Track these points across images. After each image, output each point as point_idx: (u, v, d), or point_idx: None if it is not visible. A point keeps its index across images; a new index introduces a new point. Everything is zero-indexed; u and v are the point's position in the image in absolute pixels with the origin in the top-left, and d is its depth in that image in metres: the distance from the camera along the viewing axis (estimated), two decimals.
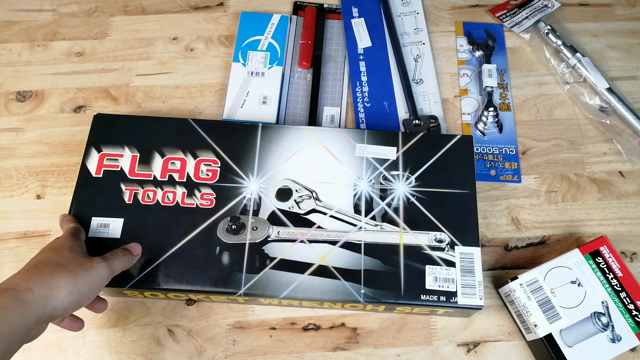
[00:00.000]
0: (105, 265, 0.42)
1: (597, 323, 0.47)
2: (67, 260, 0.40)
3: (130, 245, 0.47)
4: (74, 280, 0.39)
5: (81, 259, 0.42)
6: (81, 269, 0.40)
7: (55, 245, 0.43)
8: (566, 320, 0.47)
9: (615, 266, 0.49)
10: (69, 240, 0.44)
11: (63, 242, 0.43)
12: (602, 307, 0.48)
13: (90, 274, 0.41)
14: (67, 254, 0.42)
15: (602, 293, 0.48)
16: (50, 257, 0.41)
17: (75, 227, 0.47)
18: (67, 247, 0.42)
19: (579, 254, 0.50)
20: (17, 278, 0.38)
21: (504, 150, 0.59)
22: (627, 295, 0.48)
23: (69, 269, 0.40)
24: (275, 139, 0.53)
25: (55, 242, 0.44)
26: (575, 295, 0.48)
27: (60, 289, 0.38)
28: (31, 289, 0.37)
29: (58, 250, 0.42)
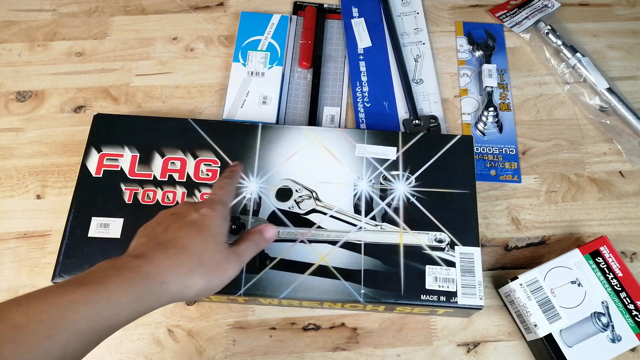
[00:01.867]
0: (238, 266, 0.39)
1: (597, 323, 0.47)
2: (207, 257, 0.37)
3: (265, 228, 0.43)
4: (206, 282, 0.37)
5: (219, 256, 0.38)
6: (216, 270, 0.38)
7: (203, 226, 0.38)
8: (566, 320, 0.47)
9: (615, 266, 0.49)
10: (218, 225, 0.40)
11: (211, 227, 0.39)
12: (602, 307, 0.48)
13: (222, 277, 0.38)
14: (211, 245, 0.38)
15: (602, 293, 0.48)
16: (196, 243, 0.37)
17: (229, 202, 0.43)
18: (213, 234, 0.39)
19: (579, 254, 0.50)
20: (161, 262, 0.35)
21: (504, 150, 0.59)
22: (627, 295, 0.48)
23: (206, 269, 0.37)
24: (275, 139, 0.53)
25: (206, 219, 0.39)
26: (575, 295, 0.48)
27: (191, 289, 0.36)
28: (167, 284, 0.34)
29: (205, 236, 0.38)
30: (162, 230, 0.38)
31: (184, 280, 0.35)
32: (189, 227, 0.38)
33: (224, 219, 0.41)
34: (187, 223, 0.38)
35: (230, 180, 0.45)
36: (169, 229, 0.38)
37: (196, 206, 0.40)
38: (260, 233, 0.43)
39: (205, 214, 0.39)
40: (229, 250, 0.39)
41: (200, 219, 0.39)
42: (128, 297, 0.32)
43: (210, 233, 0.38)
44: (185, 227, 0.38)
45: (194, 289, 0.36)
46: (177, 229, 0.38)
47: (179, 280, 0.35)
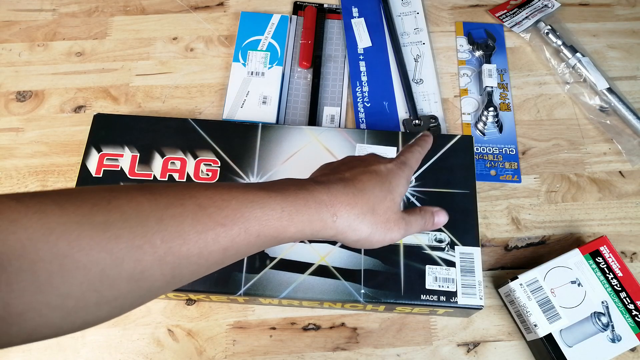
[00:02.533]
0: (403, 232, 0.39)
1: (597, 323, 0.47)
2: (380, 209, 0.37)
3: (439, 211, 0.42)
4: (370, 233, 0.36)
5: (390, 214, 0.38)
6: (384, 226, 0.37)
7: (386, 179, 0.38)
8: (566, 320, 0.47)
9: (615, 266, 0.49)
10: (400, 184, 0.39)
11: (393, 183, 0.39)
12: (602, 307, 0.48)
13: (386, 235, 0.38)
14: (388, 200, 0.38)
15: (602, 293, 0.48)
16: (375, 191, 0.37)
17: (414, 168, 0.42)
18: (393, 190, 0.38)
19: (579, 254, 0.50)
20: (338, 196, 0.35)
21: (504, 150, 0.59)
22: (627, 295, 0.48)
23: (375, 219, 0.36)
24: (275, 139, 0.53)
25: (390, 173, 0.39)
26: (575, 295, 0.48)
27: (355, 233, 0.36)
28: (337, 217, 0.35)
29: (385, 188, 0.38)
30: (346, 169, 0.38)
31: (353, 221, 0.35)
32: (372, 175, 0.38)
33: (407, 181, 0.40)
34: (371, 171, 0.38)
35: (420, 149, 0.44)
36: (354, 170, 0.38)
37: (384, 160, 0.40)
38: (433, 215, 0.42)
39: (391, 169, 0.39)
40: (400, 213, 0.39)
41: (385, 171, 0.39)
42: (300, 215, 0.33)
43: (390, 188, 0.38)
44: (368, 173, 0.38)
45: (357, 234, 0.36)
46: (361, 172, 0.38)
47: (348, 219, 0.35)
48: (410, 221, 0.40)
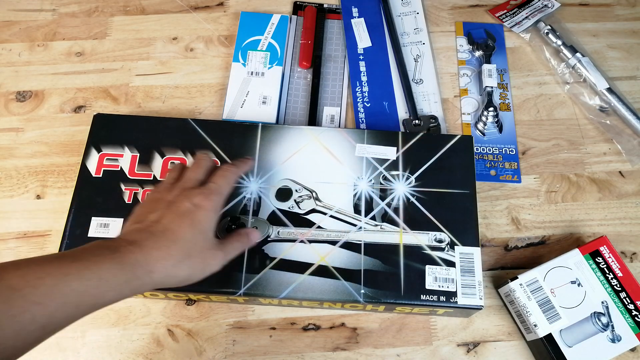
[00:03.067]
0: (222, 262, 0.41)
1: (597, 323, 0.47)
2: (195, 249, 0.39)
3: (251, 233, 0.45)
4: (189, 274, 0.38)
5: (207, 252, 0.40)
6: (201, 264, 0.39)
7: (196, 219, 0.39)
8: (566, 320, 0.47)
9: (615, 266, 0.49)
10: (211, 219, 0.40)
11: (203, 221, 0.40)
12: (602, 307, 0.48)
13: (205, 270, 0.40)
14: (200, 240, 0.39)
15: (602, 293, 0.48)
16: (186, 237, 0.38)
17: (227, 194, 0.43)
18: (204, 229, 0.40)
19: (579, 254, 0.50)
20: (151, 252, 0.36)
21: (503, 150, 0.59)
22: (627, 295, 0.48)
23: (192, 262, 0.38)
24: (275, 139, 0.53)
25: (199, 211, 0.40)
26: (575, 295, 0.48)
27: (174, 279, 0.38)
28: (154, 274, 0.36)
29: (196, 230, 0.39)
30: (155, 219, 0.39)
31: (170, 270, 0.37)
32: (182, 219, 0.39)
33: (217, 212, 0.42)
34: (180, 214, 0.39)
35: (235, 170, 0.45)
36: (163, 219, 0.39)
37: (191, 195, 0.41)
38: (247, 235, 0.45)
39: (199, 205, 0.40)
40: (216, 246, 0.41)
41: (194, 210, 0.40)
42: (117, 279, 0.34)
43: (201, 228, 0.40)
44: (177, 220, 0.39)
45: (177, 279, 0.38)
46: (171, 220, 0.39)
47: (165, 271, 0.37)
48: (227, 249, 0.42)
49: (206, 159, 0.46)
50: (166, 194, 0.42)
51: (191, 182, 0.43)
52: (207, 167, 0.45)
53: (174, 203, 0.40)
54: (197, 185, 0.43)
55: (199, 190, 0.41)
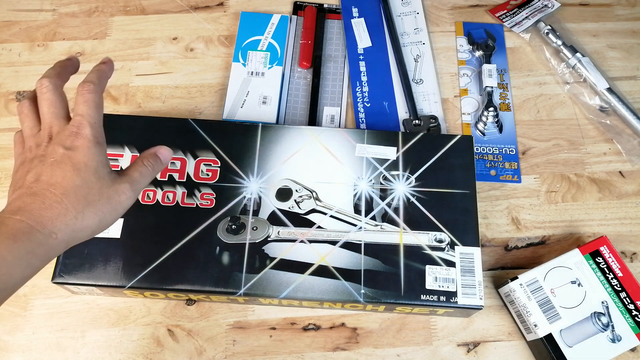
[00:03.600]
0: (132, 194, 0.37)
1: (597, 323, 0.47)
2: (93, 193, 0.35)
3: (159, 149, 0.40)
4: (99, 220, 0.35)
5: (107, 190, 0.36)
6: (108, 205, 0.35)
7: (78, 162, 0.35)
8: (566, 320, 0.47)
9: (615, 266, 0.49)
10: (95, 155, 0.36)
11: (87, 161, 0.35)
12: (602, 307, 0.48)
13: (116, 209, 0.36)
14: (93, 180, 0.35)
15: (602, 293, 0.48)
16: (76, 185, 0.34)
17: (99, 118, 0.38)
18: (92, 168, 0.35)
19: (579, 254, 0.50)
20: (42, 214, 0.33)
21: (504, 150, 0.59)
22: (627, 295, 0.48)
23: (95, 206, 0.35)
24: (275, 139, 0.53)
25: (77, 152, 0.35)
26: (575, 295, 0.48)
27: (84, 231, 0.35)
28: (56, 234, 0.33)
29: (82, 173, 0.35)
30: (33, 179, 0.35)
31: (74, 224, 0.34)
32: (63, 168, 0.35)
33: (99, 144, 0.37)
34: (58, 163, 0.35)
35: (95, 87, 0.38)
36: (42, 175, 0.35)
37: (60, 139, 0.36)
38: (155, 155, 0.40)
39: (74, 146, 0.35)
40: (118, 180, 0.37)
41: (71, 154, 0.35)
42: (14, 253, 0.31)
43: (87, 168, 0.35)
44: (57, 169, 0.35)
45: (88, 230, 0.35)
46: (51, 174, 0.35)
47: (68, 227, 0.33)
48: (135, 178, 0.38)
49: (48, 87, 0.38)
50: (34, 149, 0.37)
51: (54, 125, 0.37)
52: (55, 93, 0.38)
53: (45, 155, 0.36)
54: (61, 124, 0.37)
55: (68, 131, 0.36)
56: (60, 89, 0.39)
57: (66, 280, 0.47)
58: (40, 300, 0.51)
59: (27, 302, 0.51)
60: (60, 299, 0.51)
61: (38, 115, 0.38)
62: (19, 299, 0.51)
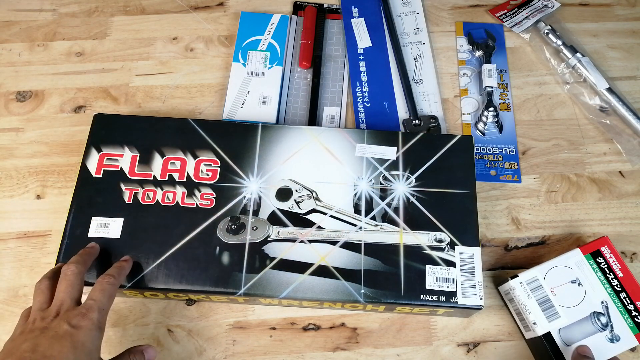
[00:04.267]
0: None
1: (596, 322, 0.47)
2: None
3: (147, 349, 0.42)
4: None
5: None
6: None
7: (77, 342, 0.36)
8: (565, 320, 0.47)
9: (615, 266, 0.49)
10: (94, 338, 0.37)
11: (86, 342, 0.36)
12: (601, 307, 0.48)
13: None
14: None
15: (602, 293, 0.48)
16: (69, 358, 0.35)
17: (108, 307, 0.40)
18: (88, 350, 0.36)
19: (579, 253, 0.50)
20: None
21: (504, 150, 0.59)
22: (627, 295, 0.48)
23: None
24: (275, 139, 0.53)
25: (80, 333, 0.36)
26: (575, 295, 0.48)
27: None
28: None
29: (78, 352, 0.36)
30: (30, 349, 0.35)
31: None
32: (62, 343, 0.35)
33: (100, 330, 0.38)
34: (59, 338, 0.35)
35: (115, 281, 0.42)
36: (38, 346, 0.35)
37: (68, 316, 0.37)
38: (142, 354, 0.42)
39: (79, 325, 0.37)
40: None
41: (74, 332, 0.36)
42: None
43: (84, 349, 0.36)
44: (57, 344, 0.35)
45: None
46: (48, 346, 0.35)
47: None
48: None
49: (73, 271, 0.41)
50: (39, 322, 0.38)
51: (65, 303, 0.39)
52: (79, 278, 0.41)
53: (49, 328, 0.36)
54: (72, 305, 0.39)
55: (77, 311, 0.38)
56: (82, 275, 0.42)
57: None
58: None
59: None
60: None
61: (52, 294, 0.40)
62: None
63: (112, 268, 0.44)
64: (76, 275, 0.41)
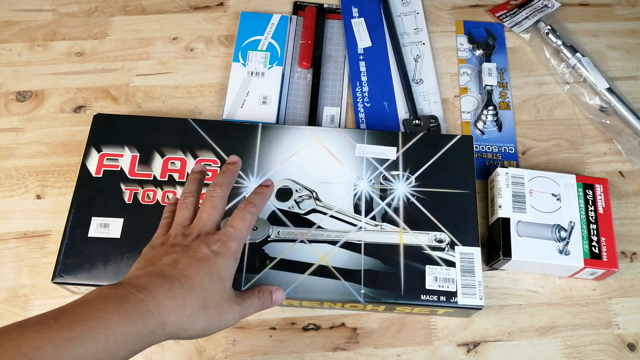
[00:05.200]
0: (239, 316, 0.38)
1: (555, 233, 0.50)
2: (212, 300, 0.36)
3: (276, 291, 0.42)
4: (204, 327, 0.35)
5: (223, 305, 0.37)
6: (217, 318, 0.36)
7: (214, 268, 0.36)
8: (529, 216, 0.50)
9: (600, 204, 0.51)
10: (230, 267, 0.38)
11: (222, 270, 0.37)
12: (567, 225, 0.50)
13: (220, 324, 0.37)
14: (218, 290, 0.36)
15: (575, 216, 0.51)
16: (204, 286, 0.35)
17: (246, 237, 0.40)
18: (222, 278, 0.37)
19: (573, 179, 0.52)
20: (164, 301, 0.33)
21: (503, 149, 0.59)
22: (596, 228, 0.50)
23: (207, 315, 0.35)
24: (275, 139, 0.53)
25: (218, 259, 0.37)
26: (549, 205, 0.51)
27: (187, 332, 0.35)
28: (167, 325, 0.33)
29: (214, 279, 0.36)
30: (170, 263, 0.36)
31: (184, 322, 0.34)
32: (199, 266, 0.36)
33: (236, 260, 0.38)
34: (197, 260, 0.36)
35: (255, 210, 0.41)
36: (178, 263, 0.36)
37: (209, 241, 0.37)
38: (270, 294, 0.41)
39: (218, 252, 0.37)
40: (233, 299, 0.38)
41: (213, 258, 0.36)
42: (127, 335, 0.30)
43: (219, 277, 0.36)
44: (194, 266, 0.35)
45: (190, 332, 0.35)
46: (187, 266, 0.35)
47: (179, 322, 0.33)
48: (246, 305, 0.39)
49: (219, 194, 0.41)
50: (179, 237, 0.38)
51: (206, 225, 0.39)
52: (223, 203, 0.41)
53: (190, 247, 0.37)
54: (213, 228, 0.39)
55: (217, 236, 0.38)
56: (226, 197, 0.41)
57: (66, 280, 0.47)
58: (41, 300, 0.51)
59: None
60: (60, 299, 0.51)
61: (195, 211, 0.41)
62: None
63: (253, 195, 0.42)
64: (221, 198, 0.40)
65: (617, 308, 0.51)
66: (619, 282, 0.53)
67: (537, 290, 0.52)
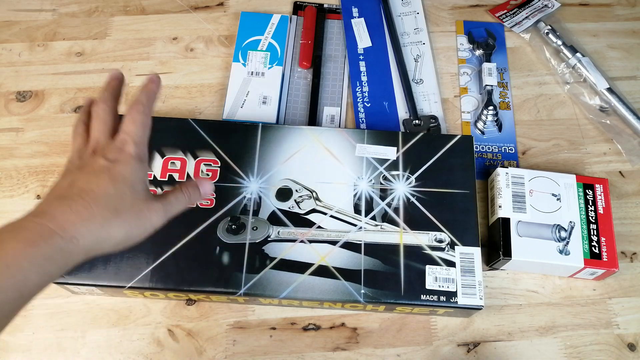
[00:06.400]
0: (163, 215, 0.36)
1: (555, 233, 0.50)
2: (125, 206, 0.34)
3: (202, 182, 0.40)
4: (125, 233, 0.34)
5: (140, 205, 0.35)
6: (136, 220, 0.35)
7: (115, 174, 0.35)
8: (529, 217, 0.50)
9: (600, 204, 0.51)
10: (135, 170, 0.36)
11: (125, 174, 0.35)
12: (567, 225, 0.50)
13: (144, 225, 0.35)
14: (127, 193, 0.35)
15: (575, 216, 0.51)
16: (108, 193, 0.34)
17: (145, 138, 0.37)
18: (129, 181, 0.35)
19: (573, 179, 0.52)
20: (64, 218, 0.32)
21: (503, 149, 0.59)
22: (597, 228, 0.50)
23: (124, 218, 0.34)
24: (275, 139, 0.53)
25: (117, 165, 0.35)
26: (549, 205, 0.51)
27: (108, 241, 0.33)
28: (77, 239, 0.32)
29: (119, 185, 0.34)
30: (67, 185, 0.34)
31: (99, 232, 0.33)
32: (99, 177, 0.34)
33: (140, 162, 0.36)
34: (96, 173, 0.35)
35: (144, 108, 0.38)
36: (76, 182, 0.34)
37: (104, 152, 0.36)
38: (196, 186, 0.39)
39: (116, 159, 0.35)
40: (151, 198, 0.36)
41: (111, 166, 0.35)
42: (31, 260, 0.30)
43: (125, 182, 0.35)
44: (94, 178, 0.34)
45: (112, 240, 0.34)
46: (86, 181, 0.34)
47: (91, 234, 0.32)
48: (170, 201, 0.37)
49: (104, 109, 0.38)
50: (76, 161, 0.37)
51: (100, 141, 0.37)
52: (110, 114, 0.38)
53: (85, 165, 0.36)
54: (107, 140, 0.37)
55: (112, 146, 0.36)
56: (114, 109, 0.39)
57: (66, 280, 0.47)
58: (41, 300, 0.51)
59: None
60: (60, 299, 0.51)
61: (88, 134, 0.39)
62: None
63: (139, 93, 0.39)
64: (107, 112, 0.38)
65: (617, 308, 0.51)
66: (619, 282, 0.53)
67: (537, 290, 0.52)
